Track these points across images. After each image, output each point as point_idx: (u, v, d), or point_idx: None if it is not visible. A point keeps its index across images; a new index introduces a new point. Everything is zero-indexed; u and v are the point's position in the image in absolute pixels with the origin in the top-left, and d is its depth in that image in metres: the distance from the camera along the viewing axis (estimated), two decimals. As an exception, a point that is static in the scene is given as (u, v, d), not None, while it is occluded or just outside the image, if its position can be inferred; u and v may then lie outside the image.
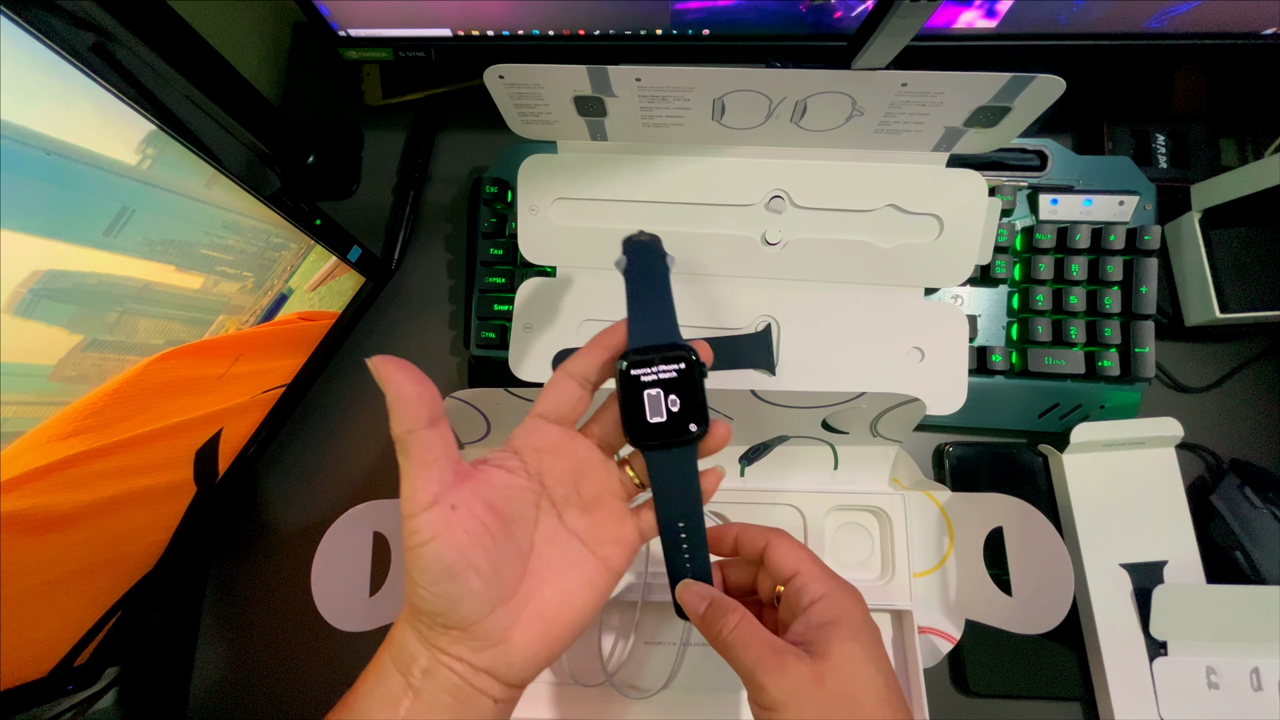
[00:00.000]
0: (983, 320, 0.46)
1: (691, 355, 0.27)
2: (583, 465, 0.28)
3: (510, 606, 0.26)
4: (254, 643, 0.47)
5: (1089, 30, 0.42)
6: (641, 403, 0.27)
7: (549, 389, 0.28)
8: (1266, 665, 0.39)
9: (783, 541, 0.30)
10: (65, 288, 0.27)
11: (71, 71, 0.25)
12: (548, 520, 0.28)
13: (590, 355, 0.28)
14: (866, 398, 0.37)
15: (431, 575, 0.24)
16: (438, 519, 0.24)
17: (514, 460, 0.27)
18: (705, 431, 0.27)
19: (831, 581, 0.28)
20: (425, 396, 0.24)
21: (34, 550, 0.31)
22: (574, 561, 0.28)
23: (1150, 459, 0.43)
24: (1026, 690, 0.42)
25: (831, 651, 0.26)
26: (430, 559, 0.24)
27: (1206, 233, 0.44)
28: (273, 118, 0.50)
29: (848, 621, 0.27)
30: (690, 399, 0.27)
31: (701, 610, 0.28)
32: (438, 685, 0.25)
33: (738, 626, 0.27)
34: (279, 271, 0.39)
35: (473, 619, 0.25)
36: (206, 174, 0.32)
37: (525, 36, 0.44)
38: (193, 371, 0.36)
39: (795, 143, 0.40)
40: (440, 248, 0.53)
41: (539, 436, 0.28)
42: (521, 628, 0.26)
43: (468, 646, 0.25)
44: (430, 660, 0.25)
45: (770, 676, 0.25)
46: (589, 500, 0.28)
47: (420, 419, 0.24)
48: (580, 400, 0.28)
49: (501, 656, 0.25)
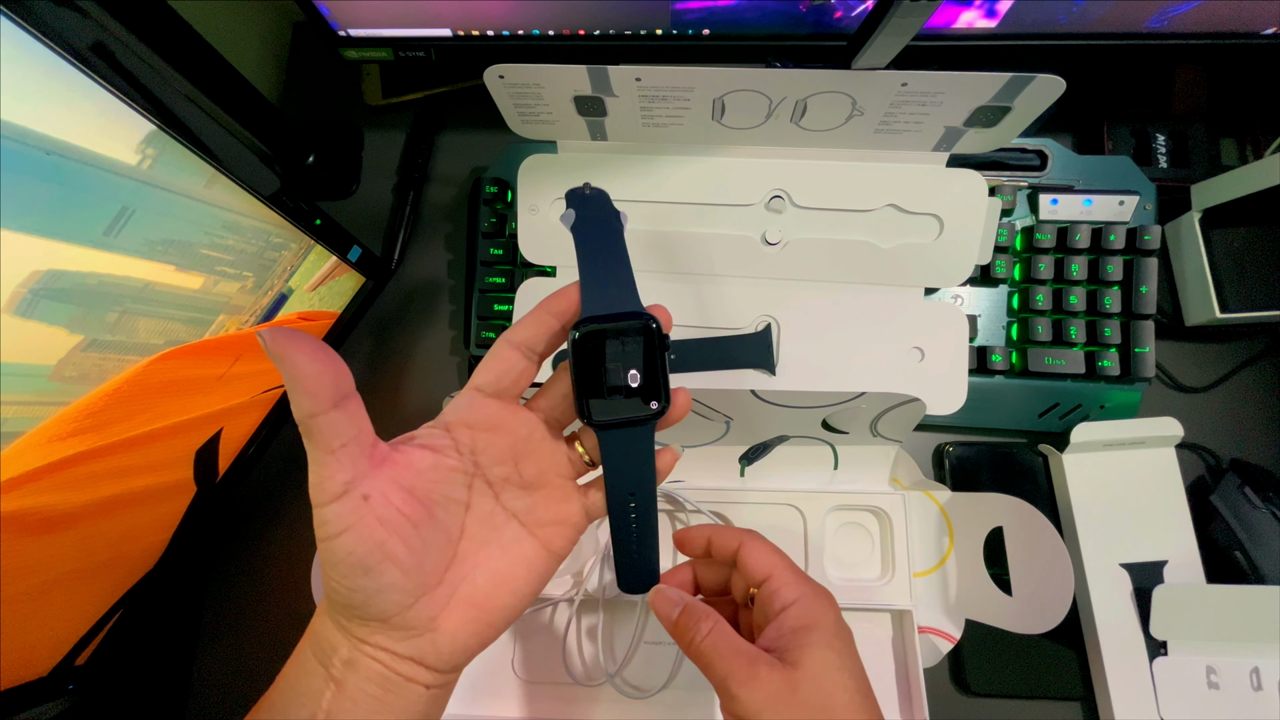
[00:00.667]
0: (983, 320, 0.46)
1: (652, 324, 0.24)
2: (524, 443, 0.26)
3: (437, 594, 0.24)
4: (254, 643, 0.47)
5: (1089, 30, 0.42)
6: (598, 377, 0.24)
7: (488, 359, 0.26)
8: (1266, 665, 0.39)
9: (755, 544, 0.29)
10: (65, 288, 0.27)
11: (71, 71, 0.25)
12: (482, 501, 0.26)
13: (536, 322, 0.25)
14: (866, 398, 0.37)
15: (344, 569, 0.22)
16: (349, 510, 0.22)
17: (443, 438, 0.25)
18: (666, 409, 0.25)
19: (804, 586, 0.28)
20: (327, 373, 0.21)
21: (34, 550, 0.31)
22: (510, 544, 0.26)
23: (1150, 459, 0.43)
24: (1026, 690, 0.42)
25: (804, 659, 0.25)
26: (342, 553, 0.22)
27: (1206, 233, 0.44)
28: (273, 118, 0.50)
29: (820, 627, 0.26)
30: (651, 373, 0.24)
31: (674, 616, 0.28)
32: (361, 676, 0.23)
33: (710, 634, 0.26)
34: (279, 271, 0.39)
35: (392, 611, 0.23)
36: (206, 174, 0.32)
37: (525, 36, 0.44)
38: (193, 371, 0.36)
39: (795, 143, 0.40)
40: (440, 248, 0.53)
41: (473, 412, 0.25)
42: (450, 614, 0.24)
43: (390, 637, 0.23)
44: (351, 650, 0.23)
45: (743, 686, 0.25)
46: (530, 480, 0.26)
47: (323, 400, 0.21)
48: (524, 372, 0.26)
49: (429, 645, 0.24)
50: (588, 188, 0.26)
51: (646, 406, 0.25)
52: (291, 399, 0.21)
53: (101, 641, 0.39)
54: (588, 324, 0.24)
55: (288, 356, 0.20)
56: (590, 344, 0.24)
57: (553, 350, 0.26)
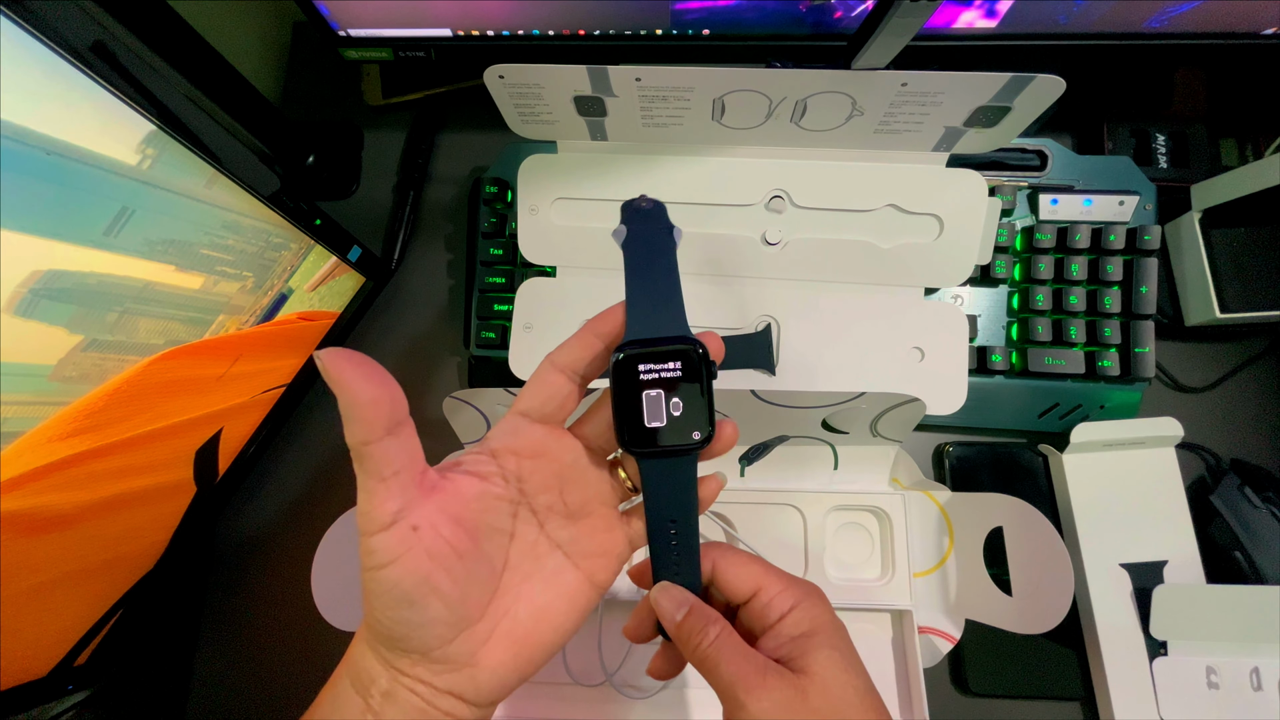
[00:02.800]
0: (983, 320, 0.46)
1: (699, 350, 0.23)
2: (569, 470, 0.25)
3: (478, 628, 0.24)
4: (254, 643, 0.47)
5: (1089, 30, 0.42)
6: (639, 404, 0.23)
7: (533, 383, 0.25)
8: (1266, 665, 0.39)
9: (731, 560, 0.26)
10: (65, 288, 0.27)
11: (71, 71, 0.25)
12: (526, 530, 0.25)
13: (581, 345, 0.25)
14: (866, 398, 0.37)
15: (389, 601, 0.22)
16: (397, 540, 0.21)
17: (490, 465, 0.24)
18: (710, 439, 0.24)
19: (796, 590, 0.26)
20: (384, 399, 0.21)
21: (34, 550, 0.31)
22: (553, 575, 0.25)
23: (1150, 459, 0.43)
24: (1026, 690, 0.42)
25: (811, 665, 0.24)
26: (389, 584, 0.21)
27: (1206, 233, 0.44)
28: (273, 118, 0.50)
29: (821, 630, 0.25)
30: (695, 402, 0.23)
31: (679, 618, 0.25)
32: (399, 708, 0.23)
33: (717, 639, 0.25)
34: (279, 271, 0.39)
35: (434, 645, 0.23)
36: (206, 174, 0.32)
37: (525, 36, 0.44)
38: (193, 371, 0.36)
39: (795, 143, 0.40)
40: (440, 248, 0.53)
41: (520, 439, 0.25)
42: (491, 649, 0.24)
43: (430, 670, 0.23)
44: (390, 682, 0.23)
45: (753, 694, 0.23)
46: (575, 509, 0.26)
47: (378, 427, 0.21)
48: (569, 396, 0.25)
49: (468, 680, 0.23)
50: (644, 200, 0.25)
51: (689, 436, 0.24)
52: (346, 424, 0.21)
53: (101, 641, 0.39)
54: (631, 347, 0.24)
55: (345, 381, 0.20)
56: (632, 369, 0.23)
57: (598, 373, 0.25)
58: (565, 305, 0.44)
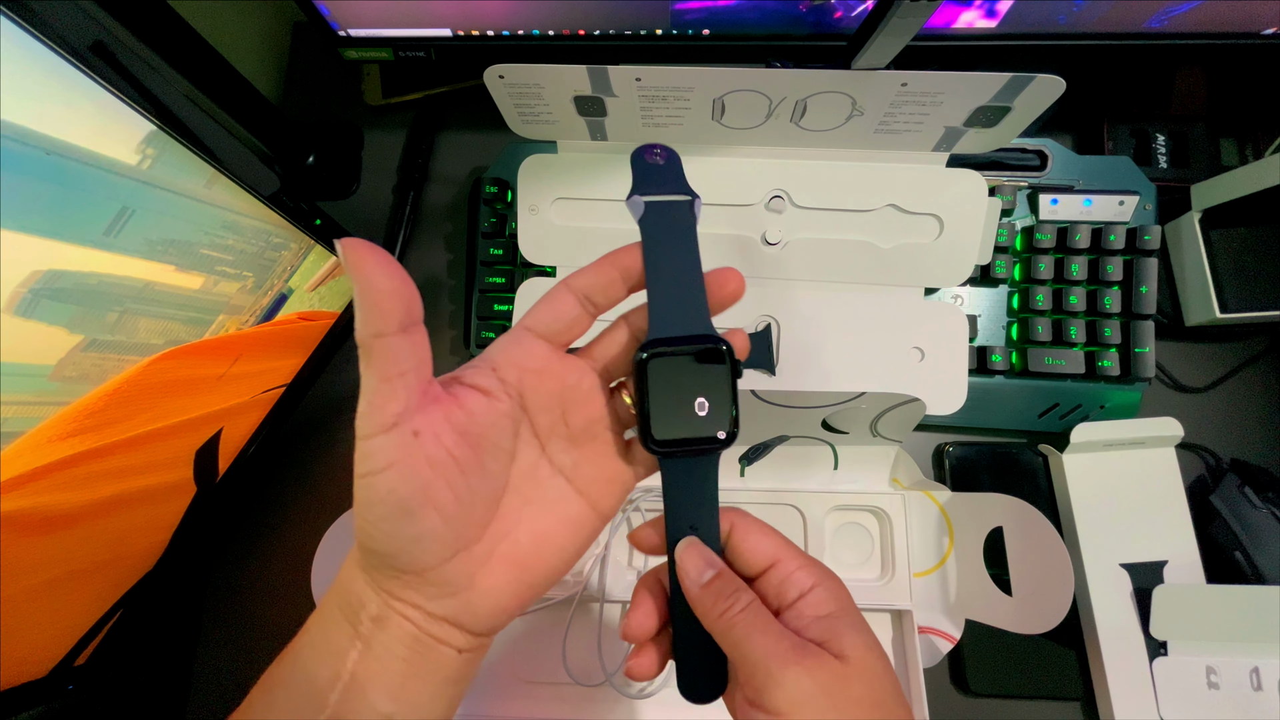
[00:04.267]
0: (983, 320, 0.46)
1: (726, 350, 0.23)
2: (572, 392, 0.24)
3: (477, 549, 0.22)
4: (254, 643, 0.47)
5: (1089, 30, 0.42)
6: (664, 402, 0.23)
7: (544, 302, 0.24)
8: (1266, 665, 0.39)
9: (750, 526, 0.25)
10: (65, 288, 0.27)
11: (71, 71, 0.25)
12: (527, 451, 0.24)
13: (599, 272, 0.24)
14: (866, 398, 0.37)
15: (382, 510, 0.20)
16: (396, 444, 0.20)
17: (492, 379, 0.23)
18: (734, 438, 0.23)
19: (818, 569, 0.24)
20: (402, 294, 0.20)
21: (34, 550, 0.31)
22: (555, 501, 0.24)
23: (1150, 459, 0.43)
24: (1026, 690, 0.42)
25: (848, 650, 0.22)
26: (382, 491, 0.20)
27: (1206, 233, 0.44)
28: (273, 118, 0.50)
29: (849, 612, 0.23)
30: (721, 402, 0.23)
31: (705, 579, 0.23)
32: (390, 636, 0.22)
33: (750, 607, 0.23)
34: (279, 271, 0.39)
35: (430, 563, 0.21)
36: (206, 174, 0.32)
37: (525, 36, 0.44)
38: (193, 371, 0.36)
39: (795, 143, 0.40)
40: (440, 248, 0.53)
41: (523, 351, 0.24)
42: (489, 573, 0.23)
43: (424, 594, 0.22)
44: (381, 606, 0.22)
45: (790, 671, 0.21)
46: (578, 432, 0.24)
47: (392, 321, 0.19)
48: (577, 321, 0.24)
49: (465, 605, 0.22)
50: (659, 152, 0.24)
51: (714, 434, 0.23)
52: (359, 315, 0.19)
53: (101, 641, 0.39)
54: (656, 345, 0.23)
55: (364, 268, 0.19)
56: (659, 368, 0.23)
57: (609, 306, 0.25)
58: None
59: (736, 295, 0.24)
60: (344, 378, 0.51)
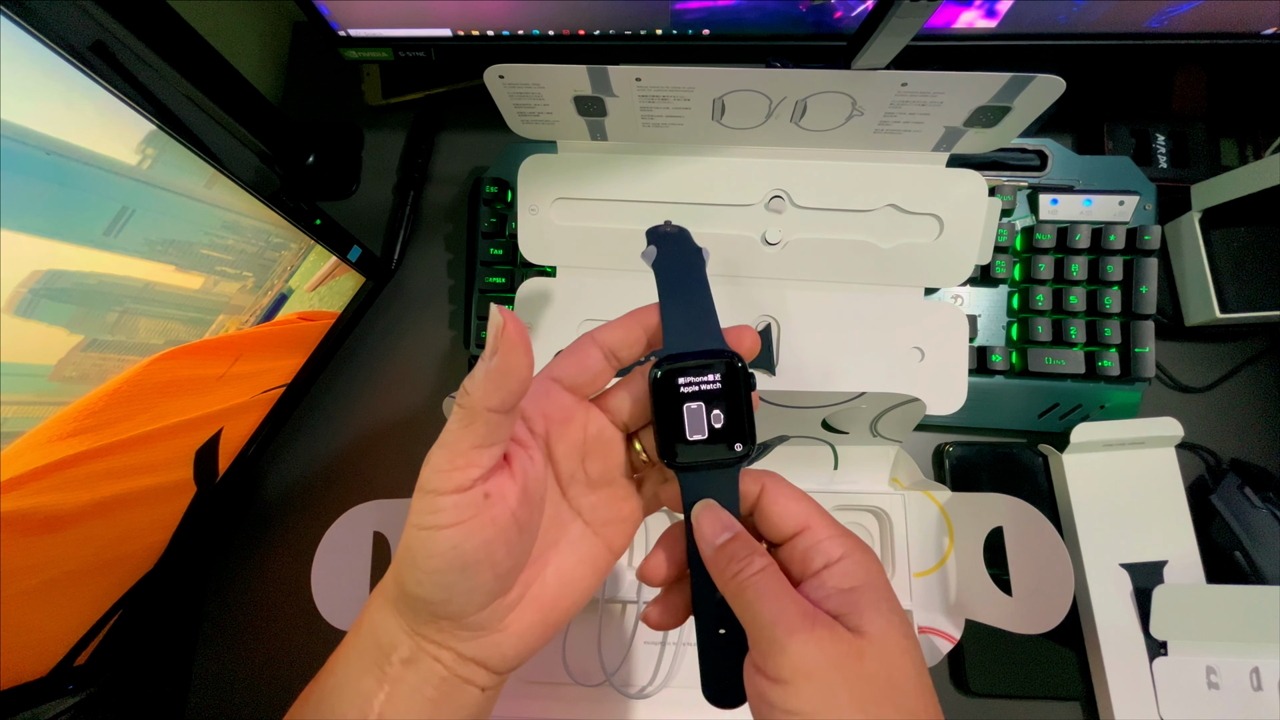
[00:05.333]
0: (983, 320, 0.46)
1: (737, 362, 0.24)
2: (593, 441, 0.25)
3: (510, 595, 0.23)
4: (254, 643, 0.47)
5: (1089, 30, 0.42)
6: (680, 418, 0.23)
7: (571, 353, 0.25)
8: (1266, 665, 0.39)
9: (782, 489, 0.24)
10: (65, 288, 0.27)
11: (71, 71, 0.25)
12: (551, 497, 0.25)
13: (625, 329, 0.25)
14: (866, 398, 0.37)
15: (440, 564, 0.21)
16: (469, 504, 0.21)
17: (522, 429, 0.24)
18: (751, 452, 0.24)
19: (850, 540, 0.23)
20: (528, 381, 0.21)
21: (34, 550, 0.31)
22: (576, 543, 0.25)
23: (1150, 459, 0.43)
24: (1026, 690, 0.42)
25: (868, 626, 0.21)
26: (445, 546, 0.21)
27: (1206, 233, 0.44)
28: (273, 118, 0.50)
29: (875, 587, 0.22)
30: (736, 415, 0.23)
31: (720, 541, 0.23)
32: (419, 676, 0.22)
33: (764, 571, 0.22)
34: (279, 271, 0.39)
35: (471, 611, 0.22)
36: (206, 174, 0.32)
37: (525, 36, 0.44)
38: (193, 371, 0.36)
39: (795, 143, 0.40)
40: (440, 248, 0.53)
41: (552, 404, 0.24)
42: (519, 615, 0.24)
43: (458, 637, 0.23)
44: (413, 649, 0.23)
45: (795, 637, 0.21)
46: (595, 478, 0.26)
47: (510, 402, 0.21)
48: (601, 373, 0.25)
49: (494, 646, 0.23)
50: (668, 225, 0.26)
51: (731, 449, 0.24)
52: (484, 383, 0.20)
53: (101, 641, 0.39)
54: (669, 361, 0.24)
55: (514, 347, 0.20)
56: (672, 383, 0.23)
57: (632, 361, 0.26)
58: (565, 305, 0.44)
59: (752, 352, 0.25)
60: (344, 378, 0.51)
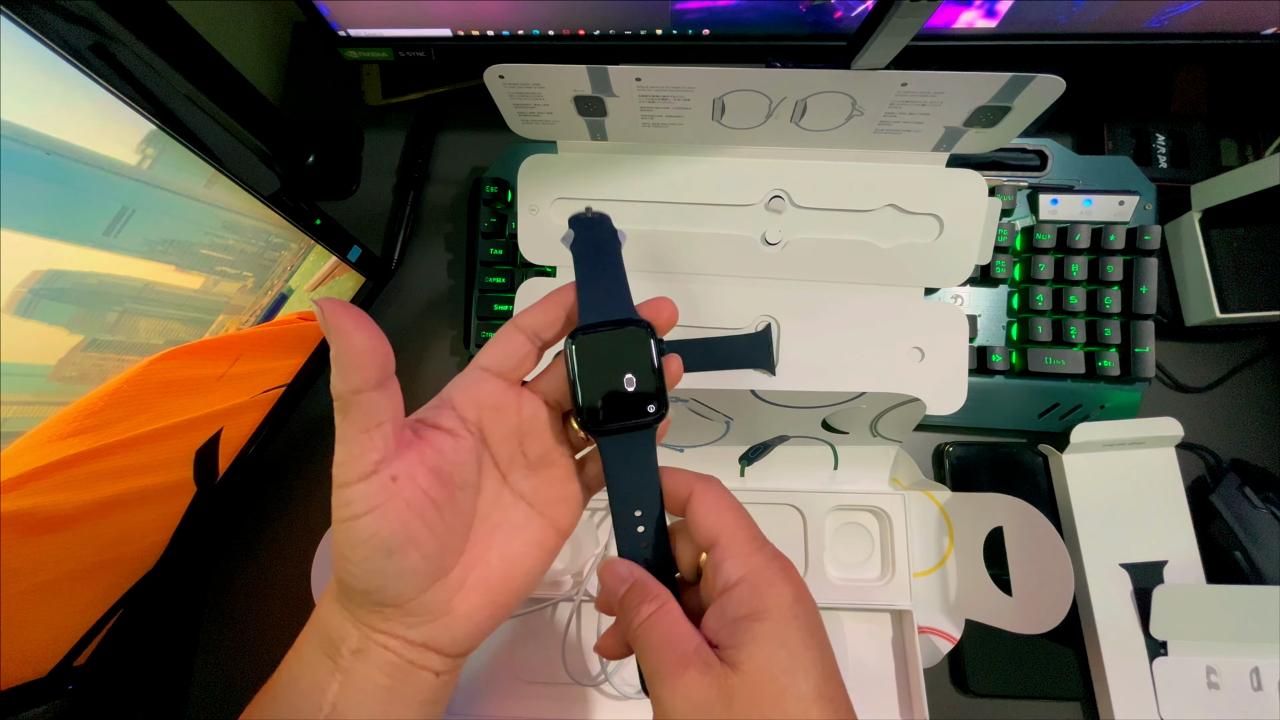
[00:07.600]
0: (983, 320, 0.46)
1: (645, 327, 0.25)
2: (529, 423, 0.26)
3: (452, 577, 0.24)
4: (254, 643, 0.47)
5: (1089, 30, 0.42)
6: (594, 384, 0.24)
7: (495, 341, 0.26)
8: (1266, 665, 0.39)
9: (708, 495, 0.24)
10: (65, 288, 0.27)
11: (71, 71, 0.25)
12: (491, 482, 0.25)
13: (544, 311, 0.26)
14: (866, 398, 0.37)
15: (365, 551, 0.22)
16: (376, 490, 0.21)
17: (453, 418, 0.24)
18: (665, 414, 0.25)
19: (754, 558, 0.22)
20: (378, 352, 0.21)
21: (34, 550, 0.31)
22: (520, 525, 0.26)
23: (1150, 459, 0.43)
24: (1026, 690, 0.42)
25: (743, 660, 0.21)
26: (365, 534, 0.21)
27: (1206, 233, 0.44)
28: (273, 118, 0.50)
29: (769, 616, 0.21)
30: (647, 379, 0.24)
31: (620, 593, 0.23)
32: (371, 665, 0.23)
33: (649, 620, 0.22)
34: (279, 271, 0.39)
35: (409, 596, 0.23)
36: (206, 174, 0.32)
37: (525, 36, 0.44)
38: (193, 371, 0.36)
39: (795, 143, 0.40)
40: (440, 248, 0.53)
41: (481, 388, 0.25)
42: (464, 598, 0.24)
43: (404, 623, 0.23)
44: (361, 639, 0.23)
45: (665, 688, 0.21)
46: (535, 460, 0.26)
47: (370, 377, 0.21)
48: (527, 356, 0.26)
49: (443, 630, 0.23)
50: (590, 211, 0.27)
51: (645, 411, 0.25)
52: (337, 372, 0.21)
53: (101, 641, 0.39)
54: (584, 330, 0.25)
55: (343, 329, 0.20)
56: (585, 350, 0.25)
57: (556, 340, 0.26)
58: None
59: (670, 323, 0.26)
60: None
